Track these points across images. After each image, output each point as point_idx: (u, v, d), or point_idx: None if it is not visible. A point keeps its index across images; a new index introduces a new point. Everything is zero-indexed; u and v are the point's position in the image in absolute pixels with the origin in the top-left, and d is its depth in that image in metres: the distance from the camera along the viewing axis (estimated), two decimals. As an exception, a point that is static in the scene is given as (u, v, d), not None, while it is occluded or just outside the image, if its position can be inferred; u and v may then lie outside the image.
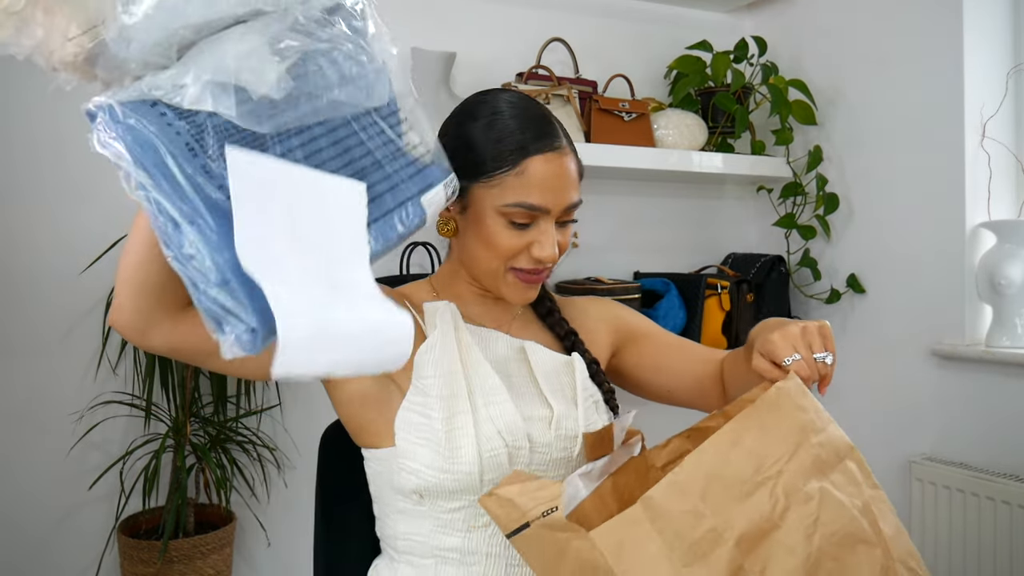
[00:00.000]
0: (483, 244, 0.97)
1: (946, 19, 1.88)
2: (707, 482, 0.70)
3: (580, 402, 1.00)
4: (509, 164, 0.95)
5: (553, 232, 0.97)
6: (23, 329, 1.61)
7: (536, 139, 0.96)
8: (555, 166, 0.96)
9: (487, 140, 0.96)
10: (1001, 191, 1.90)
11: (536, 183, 0.94)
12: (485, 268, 0.99)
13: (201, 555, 1.54)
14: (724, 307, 2.10)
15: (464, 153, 0.97)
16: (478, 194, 0.97)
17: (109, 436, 1.67)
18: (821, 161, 2.15)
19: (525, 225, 0.96)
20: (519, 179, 0.95)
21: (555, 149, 0.96)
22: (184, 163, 0.59)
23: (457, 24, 2.02)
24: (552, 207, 0.96)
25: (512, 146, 0.95)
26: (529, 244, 0.97)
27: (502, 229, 0.96)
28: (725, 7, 2.37)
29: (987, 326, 1.87)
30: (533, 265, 0.98)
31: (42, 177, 1.62)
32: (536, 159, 0.95)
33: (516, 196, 0.94)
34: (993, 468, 1.80)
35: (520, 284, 0.99)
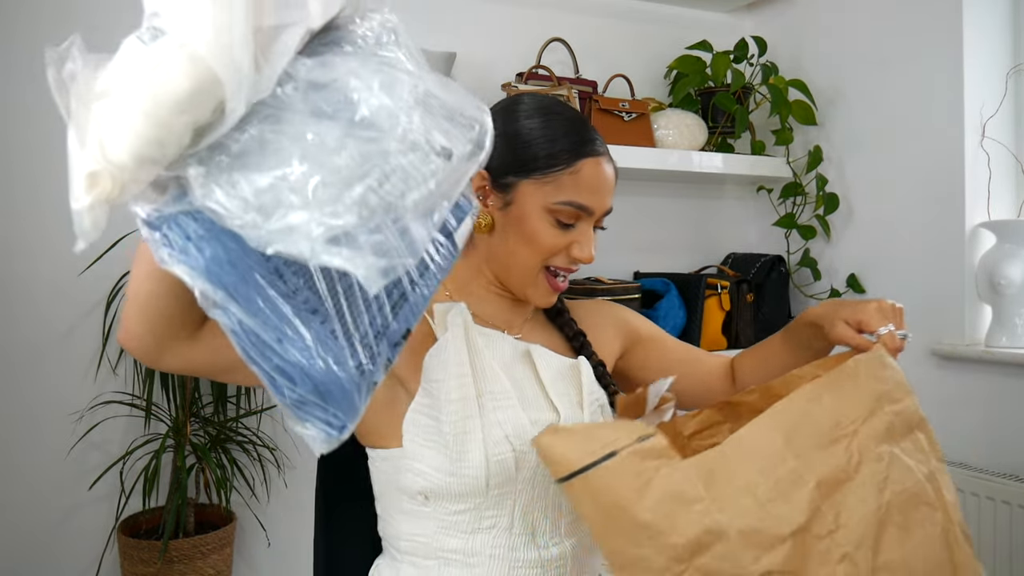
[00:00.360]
0: (525, 241, 0.99)
1: (946, 19, 1.88)
2: (790, 429, 0.75)
3: (586, 406, 1.00)
4: (564, 163, 0.98)
5: (592, 234, 1.01)
6: (23, 330, 1.61)
7: (589, 142, 0.99)
8: (603, 169, 1.00)
9: (543, 138, 0.99)
10: (1001, 191, 1.90)
11: (587, 184, 0.98)
12: (522, 266, 1.00)
13: (201, 555, 1.54)
14: (724, 307, 2.10)
15: (516, 149, 0.99)
16: (527, 190, 0.98)
17: (109, 436, 1.67)
18: (821, 161, 2.15)
19: (569, 225, 0.99)
20: (573, 178, 0.97)
21: (603, 154, 1.01)
22: (266, 280, 0.54)
23: (457, 24, 2.02)
24: (597, 209, 1.00)
25: (568, 146, 0.98)
26: (570, 244, 1.00)
27: (547, 227, 0.98)
28: (725, 7, 2.37)
29: (987, 326, 1.87)
30: (569, 265, 1.01)
31: (42, 177, 1.62)
32: (589, 161, 0.98)
33: (569, 195, 0.97)
34: (993, 468, 1.80)
35: (547, 287, 1.01)
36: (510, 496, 0.94)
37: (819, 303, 1.06)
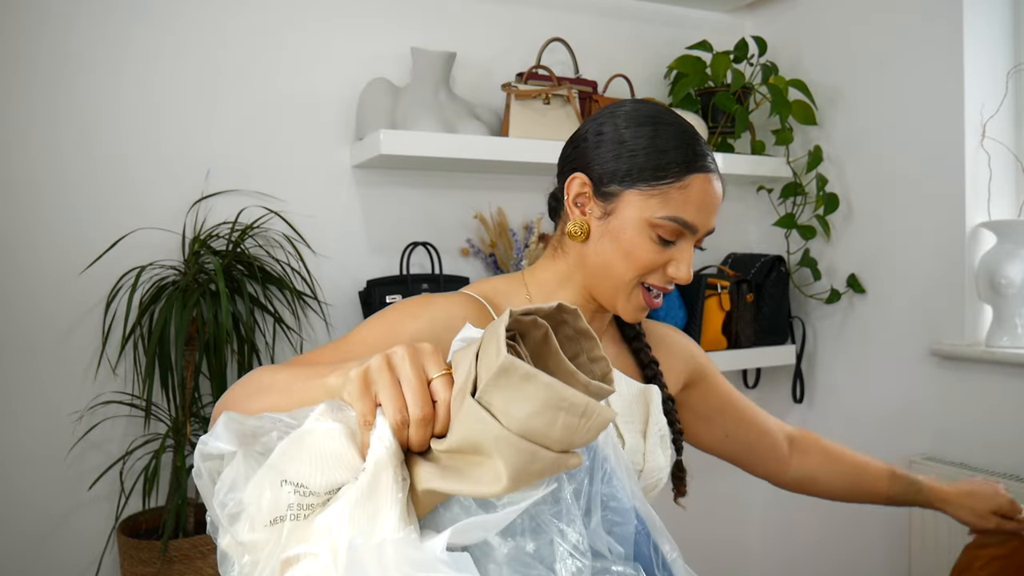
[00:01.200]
0: (622, 254, 0.94)
1: (946, 19, 1.88)
2: None
3: (649, 436, 0.98)
4: (673, 177, 0.93)
5: (691, 254, 0.97)
6: (23, 329, 1.61)
7: (700, 157, 0.94)
8: (713, 187, 0.96)
9: (652, 148, 0.93)
10: (1001, 191, 1.90)
11: (696, 201, 0.94)
12: (616, 279, 0.96)
13: (201, 555, 1.53)
14: (724, 307, 2.10)
15: (623, 157, 0.94)
16: (631, 201, 0.94)
17: (109, 436, 1.67)
18: (821, 161, 2.15)
19: (669, 242, 0.95)
20: (682, 193, 0.93)
21: (715, 171, 0.96)
22: None
23: (457, 24, 2.02)
24: (700, 228, 0.96)
25: (678, 159, 0.93)
26: (667, 262, 0.96)
27: (647, 241, 0.94)
28: (725, 7, 2.37)
29: (987, 326, 1.87)
30: (664, 284, 0.97)
31: (42, 176, 1.62)
32: (699, 177, 0.94)
33: (674, 210, 0.93)
34: (993, 468, 1.80)
35: (641, 302, 0.97)
36: None
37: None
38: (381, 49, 1.93)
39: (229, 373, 1.64)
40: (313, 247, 1.82)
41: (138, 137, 1.70)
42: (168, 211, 1.72)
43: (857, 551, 2.15)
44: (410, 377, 0.57)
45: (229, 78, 1.78)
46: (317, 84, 1.86)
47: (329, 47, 1.88)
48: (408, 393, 0.56)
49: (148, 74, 1.71)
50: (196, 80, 1.75)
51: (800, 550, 2.34)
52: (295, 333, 1.78)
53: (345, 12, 1.90)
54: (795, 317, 2.27)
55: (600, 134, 0.97)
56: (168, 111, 1.73)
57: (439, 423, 0.56)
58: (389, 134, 1.70)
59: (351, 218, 1.91)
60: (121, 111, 1.69)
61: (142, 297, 1.62)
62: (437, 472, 0.55)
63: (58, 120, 1.64)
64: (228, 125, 1.78)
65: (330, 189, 1.88)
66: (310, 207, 1.84)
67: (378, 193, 1.93)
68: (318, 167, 1.87)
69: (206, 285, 1.59)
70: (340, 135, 1.89)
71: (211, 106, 1.77)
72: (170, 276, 1.67)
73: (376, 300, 1.77)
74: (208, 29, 1.76)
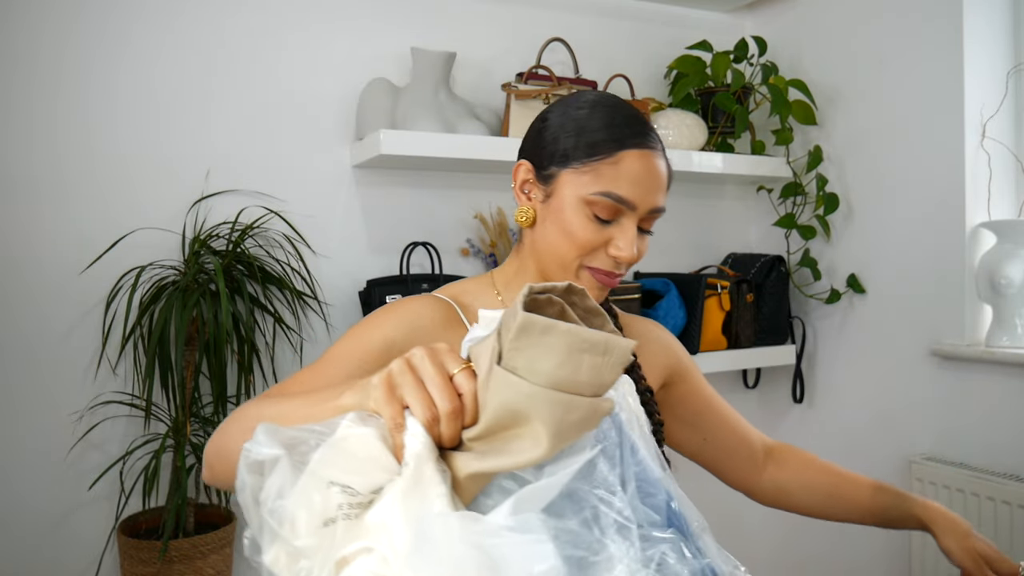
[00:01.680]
0: (562, 234, 0.94)
1: (946, 19, 1.88)
2: None
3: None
4: (605, 153, 0.92)
5: (634, 232, 0.94)
6: (23, 329, 1.61)
7: (635, 135, 0.94)
8: (649, 163, 0.93)
9: (587, 127, 0.94)
10: (1001, 191, 1.90)
11: (628, 175, 0.92)
12: (560, 260, 0.96)
13: (201, 555, 1.53)
14: (724, 307, 2.10)
15: (560, 138, 0.95)
16: (567, 180, 0.94)
17: (109, 436, 1.67)
18: (821, 161, 2.15)
19: (607, 221, 0.93)
20: (612, 168, 0.92)
21: (651, 147, 0.94)
22: None
23: (457, 24, 2.02)
24: (639, 204, 0.93)
25: (610, 136, 0.93)
26: (608, 241, 0.94)
27: (584, 220, 0.93)
28: (725, 7, 2.37)
29: (987, 326, 1.87)
30: (609, 267, 0.95)
31: (42, 177, 1.62)
32: (632, 152, 0.92)
33: (606, 185, 0.92)
34: (993, 468, 1.80)
35: (593, 283, 0.96)
36: None
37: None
38: (381, 49, 1.93)
39: (229, 373, 1.64)
40: (313, 247, 1.82)
41: (138, 137, 1.70)
42: (168, 211, 1.72)
43: (859, 554, 2.15)
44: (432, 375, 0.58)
45: (229, 78, 1.78)
46: (317, 84, 1.86)
47: (329, 47, 1.88)
48: (434, 390, 0.57)
49: (148, 74, 1.71)
50: (196, 80, 1.75)
51: (801, 552, 2.34)
52: (295, 333, 1.78)
53: (345, 12, 1.89)
54: (795, 317, 2.27)
55: (544, 120, 0.98)
56: (168, 111, 1.73)
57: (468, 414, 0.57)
58: (389, 134, 1.70)
59: (351, 218, 1.90)
60: (121, 111, 1.69)
61: (142, 297, 1.62)
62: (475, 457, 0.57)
63: (58, 120, 1.64)
64: (228, 125, 1.78)
65: (330, 189, 1.88)
66: (310, 207, 1.84)
67: (378, 193, 1.93)
68: (318, 167, 1.87)
69: (206, 285, 1.59)
70: (340, 135, 1.89)
71: (211, 106, 1.77)
72: (170, 276, 1.66)
73: (376, 300, 1.77)
74: (208, 29, 1.76)
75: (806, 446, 2.33)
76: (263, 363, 1.73)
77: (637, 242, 0.95)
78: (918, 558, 1.90)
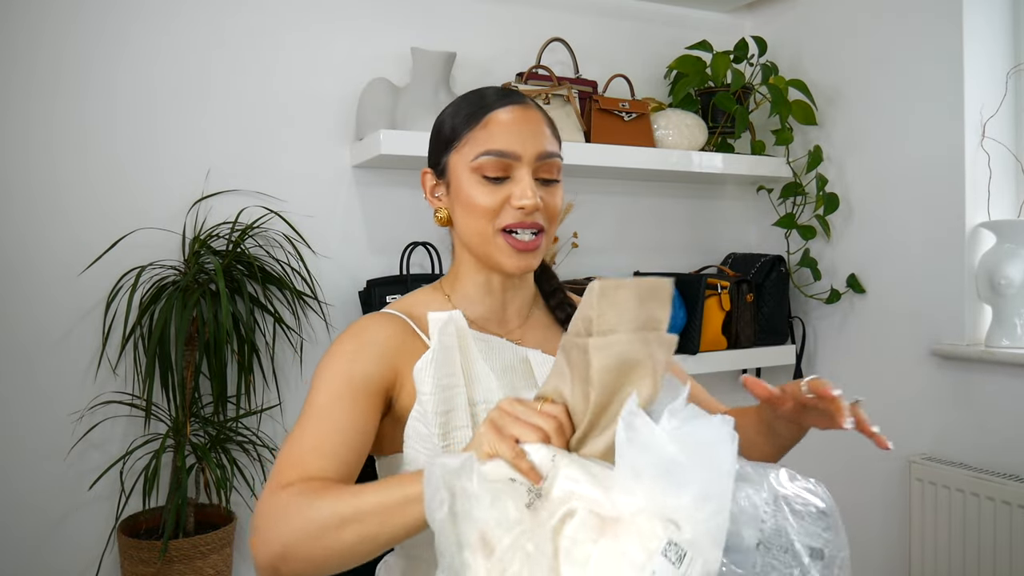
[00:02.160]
0: (467, 210, 0.97)
1: (946, 19, 1.88)
2: None
3: None
4: (474, 121, 0.97)
5: (529, 180, 0.96)
6: (23, 329, 1.61)
7: (498, 98, 0.98)
8: (519, 114, 0.97)
9: (456, 113, 1.00)
10: (1001, 191, 1.90)
11: (500, 130, 0.96)
12: (476, 236, 0.98)
13: (201, 555, 1.53)
14: (724, 307, 2.10)
15: (440, 132, 1.01)
16: (454, 162, 0.99)
17: (109, 436, 1.67)
18: (821, 161, 2.15)
19: (500, 179, 0.96)
20: (484, 131, 0.96)
21: (518, 103, 0.98)
22: None
23: (457, 24, 2.02)
24: (521, 152, 0.95)
25: (474, 108, 0.98)
26: (508, 197, 0.96)
27: (478, 186, 0.96)
28: (725, 7, 2.37)
29: (987, 326, 1.87)
30: (519, 219, 0.96)
31: (42, 177, 1.62)
32: (498, 111, 0.97)
33: (482, 145, 0.96)
34: (993, 468, 1.80)
35: (509, 248, 0.97)
36: None
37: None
38: (381, 49, 1.93)
39: (229, 373, 1.64)
40: (313, 247, 1.82)
41: (138, 137, 1.70)
42: (168, 211, 1.72)
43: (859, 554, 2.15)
44: (526, 410, 0.71)
45: (229, 78, 1.78)
46: (317, 84, 1.86)
47: (329, 47, 1.88)
48: (534, 419, 0.70)
49: (147, 74, 1.71)
50: (196, 80, 1.75)
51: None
52: (295, 333, 1.78)
53: (345, 12, 1.90)
54: (795, 317, 2.27)
55: (434, 128, 1.04)
56: (168, 111, 1.73)
57: (566, 427, 0.71)
58: (389, 134, 1.70)
59: (351, 218, 1.91)
60: (121, 111, 1.69)
61: (142, 297, 1.62)
62: (597, 436, 0.70)
63: (57, 120, 1.64)
64: (228, 125, 1.78)
65: (330, 189, 1.88)
66: (310, 207, 1.84)
67: (378, 193, 1.93)
68: (318, 167, 1.87)
69: (206, 285, 1.59)
70: (340, 135, 1.89)
71: (211, 106, 1.77)
72: (170, 276, 1.67)
73: (376, 300, 1.77)
74: (207, 29, 1.76)
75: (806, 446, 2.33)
76: (263, 363, 1.73)
77: (541, 191, 0.97)
78: (918, 558, 1.90)
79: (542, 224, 0.97)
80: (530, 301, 1.09)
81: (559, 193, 1.00)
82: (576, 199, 2.06)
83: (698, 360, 2.05)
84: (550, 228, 0.99)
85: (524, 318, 1.07)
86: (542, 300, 1.12)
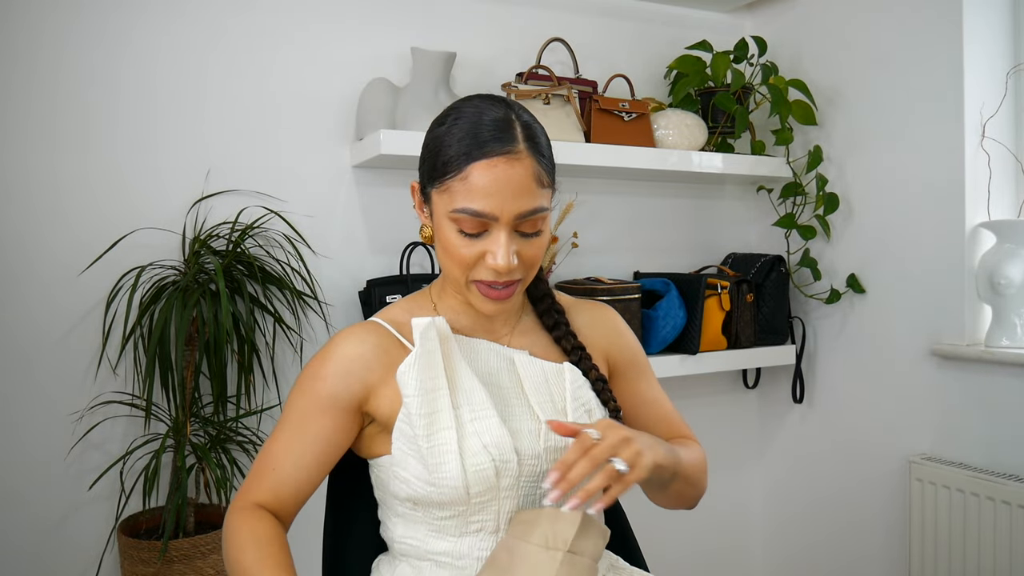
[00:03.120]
0: (444, 251, 0.96)
1: (946, 19, 1.88)
2: None
3: (570, 411, 1.00)
4: (454, 170, 0.92)
5: (505, 241, 0.92)
6: (23, 329, 1.61)
7: (482, 145, 0.91)
8: (501, 171, 0.91)
9: (440, 147, 0.94)
10: (1001, 191, 1.90)
11: (479, 189, 0.90)
12: (452, 277, 0.98)
13: (201, 555, 1.53)
14: (724, 307, 2.10)
15: (425, 158, 0.98)
16: (435, 199, 0.96)
17: (109, 436, 1.67)
18: (821, 161, 2.15)
19: (477, 234, 0.93)
20: (463, 184, 0.91)
21: (503, 154, 0.91)
22: None
23: (457, 24, 2.02)
24: (499, 214, 0.91)
25: (458, 152, 0.92)
26: (483, 254, 0.93)
27: (455, 236, 0.93)
28: (725, 7, 2.37)
29: (987, 326, 1.87)
30: (492, 277, 0.94)
31: (42, 177, 1.62)
32: (479, 164, 0.91)
33: (460, 202, 0.91)
34: (993, 468, 1.80)
35: (480, 297, 0.97)
36: (494, 502, 0.95)
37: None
38: (381, 49, 1.93)
39: (229, 373, 1.64)
40: (313, 247, 1.82)
41: (138, 137, 1.70)
42: (168, 211, 1.72)
43: (859, 554, 2.15)
44: None
45: (229, 78, 1.78)
46: (317, 84, 1.86)
47: (329, 47, 1.88)
48: None
49: (147, 74, 1.71)
50: (196, 80, 1.75)
51: (800, 551, 2.34)
52: (295, 333, 1.78)
53: (345, 12, 1.90)
54: (795, 317, 2.27)
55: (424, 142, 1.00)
56: (168, 111, 1.73)
57: None
58: (389, 134, 1.70)
59: (351, 218, 1.91)
60: (121, 111, 1.69)
61: (142, 297, 1.62)
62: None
63: (57, 120, 1.64)
64: (228, 125, 1.78)
65: (330, 189, 1.88)
66: (310, 207, 1.84)
67: (378, 193, 1.93)
68: (318, 167, 1.87)
69: (206, 285, 1.59)
70: (340, 135, 1.89)
71: (211, 106, 1.77)
72: (170, 276, 1.67)
73: (376, 300, 1.77)
74: (207, 29, 1.76)
75: (806, 446, 2.34)
76: (263, 363, 1.73)
77: (520, 244, 0.94)
78: (918, 558, 1.90)
79: (517, 277, 0.96)
80: (519, 309, 1.09)
81: (541, 242, 0.97)
82: (576, 199, 2.06)
83: (698, 360, 2.05)
84: (528, 274, 0.98)
85: (512, 326, 1.07)
86: (530, 306, 1.11)
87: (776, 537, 2.42)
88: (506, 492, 0.95)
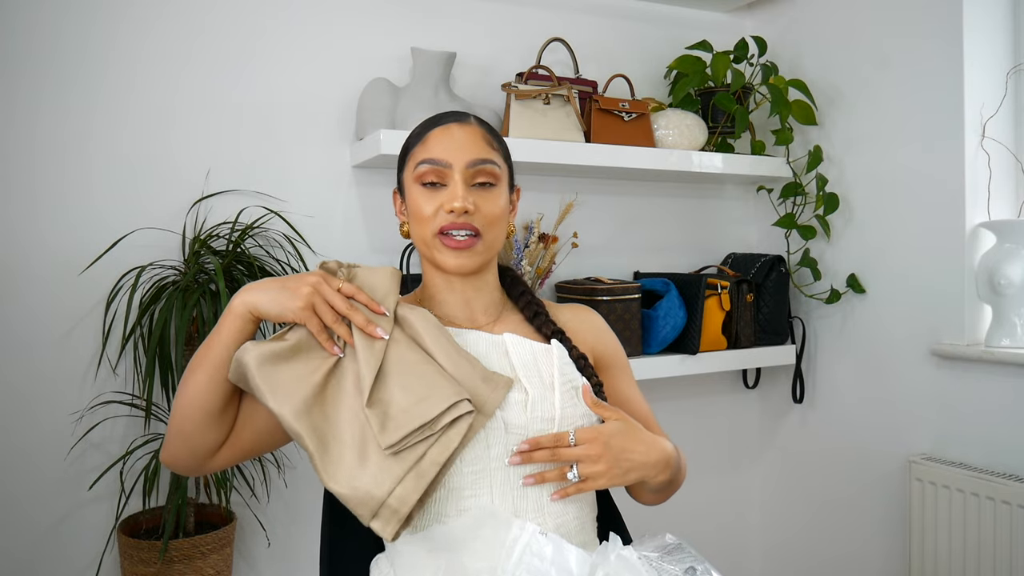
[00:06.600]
0: (414, 219, 1.08)
1: (946, 19, 1.88)
2: None
3: (557, 387, 1.04)
4: (418, 142, 1.09)
5: (459, 184, 1.05)
6: (23, 329, 1.61)
7: (439, 120, 1.09)
8: (454, 130, 1.07)
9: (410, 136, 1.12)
10: (1001, 191, 1.90)
11: (435, 143, 1.06)
12: (422, 242, 1.08)
13: (201, 555, 1.54)
14: (724, 307, 2.10)
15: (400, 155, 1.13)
16: (406, 179, 1.10)
17: (109, 436, 1.67)
18: (821, 161, 2.15)
19: (437, 185, 1.05)
20: (423, 146, 1.07)
21: (456, 121, 1.08)
22: None
23: (457, 24, 2.02)
24: (451, 159, 1.05)
25: (420, 130, 1.10)
26: (443, 202, 1.05)
27: (420, 195, 1.06)
28: (725, 7, 2.37)
29: (987, 326, 1.87)
30: (451, 220, 1.04)
31: (42, 177, 1.62)
32: (437, 129, 1.08)
33: (421, 157, 1.06)
34: (993, 468, 1.80)
35: (445, 248, 1.05)
36: (485, 476, 0.98)
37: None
38: (381, 49, 1.93)
39: (229, 373, 1.64)
40: (313, 247, 1.82)
41: (138, 137, 1.70)
42: (168, 211, 1.72)
43: (859, 554, 2.16)
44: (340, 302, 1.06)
45: (229, 78, 1.78)
46: (317, 84, 1.86)
47: (329, 47, 1.88)
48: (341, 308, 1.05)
49: (148, 74, 1.71)
50: (196, 80, 1.75)
51: (800, 552, 2.34)
52: (295, 333, 1.78)
53: (345, 12, 1.90)
54: (795, 317, 2.27)
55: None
56: (168, 111, 1.73)
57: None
58: (389, 134, 1.70)
59: (351, 218, 1.91)
60: (121, 111, 1.69)
61: (142, 297, 1.62)
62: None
63: (57, 120, 1.64)
64: (228, 125, 1.78)
65: (330, 189, 1.88)
66: (310, 207, 1.84)
67: (378, 193, 1.93)
68: (318, 167, 1.87)
69: (206, 285, 1.59)
70: (340, 135, 1.89)
71: (211, 106, 1.77)
72: (170, 276, 1.67)
73: (376, 300, 1.77)
74: (208, 29, 1.76)
75: (806, 446, 2.34)
76: (263, 363, 1.73)
77: (475, 195, 1.05)
78: (918, 558, 1.90)
79: (476, 226, 1.05)
80: (499, 304, 1.15)
81: (496, 198, 1.07)
82: (576, 199, 2.06)
83: (698, 360, 2.05)
84: (488, 232, 1.07)
85: (494, 318, 1.13)
86: (511, 303, 1.18)
87: (776, 537, 2.42)
88: (496, 463, 0.98)
